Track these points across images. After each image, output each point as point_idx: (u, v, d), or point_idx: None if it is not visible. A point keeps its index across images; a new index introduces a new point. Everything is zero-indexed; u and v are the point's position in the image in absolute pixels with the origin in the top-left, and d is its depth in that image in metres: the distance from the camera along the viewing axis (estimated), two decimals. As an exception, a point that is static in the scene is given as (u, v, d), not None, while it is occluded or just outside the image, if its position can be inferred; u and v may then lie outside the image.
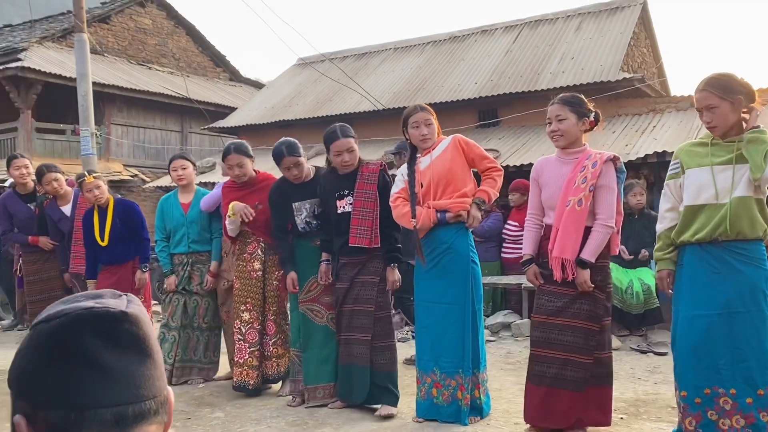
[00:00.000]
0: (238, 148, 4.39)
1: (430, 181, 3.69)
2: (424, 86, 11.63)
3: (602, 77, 9.57)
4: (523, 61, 11.10)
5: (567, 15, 12.08)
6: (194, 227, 4.86)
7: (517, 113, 10.02)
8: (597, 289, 3.27)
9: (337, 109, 12.09)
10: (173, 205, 4.94)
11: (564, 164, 3.38)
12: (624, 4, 11.69)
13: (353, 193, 3.96)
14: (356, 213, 3.92)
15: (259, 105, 13.81)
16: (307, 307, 4.15)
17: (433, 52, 12.97)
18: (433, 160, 3.71)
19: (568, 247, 3.24)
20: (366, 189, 3.94)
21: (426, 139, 3.73)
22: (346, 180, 4.00)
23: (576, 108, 3.33)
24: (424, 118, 3.73)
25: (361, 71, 13.31)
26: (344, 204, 3.97)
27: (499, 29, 12.68)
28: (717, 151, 2.98)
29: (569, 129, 3.32)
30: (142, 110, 15.25)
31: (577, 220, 3.23)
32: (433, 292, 3.67)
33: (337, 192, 4.01)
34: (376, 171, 3.99)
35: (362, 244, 3.89)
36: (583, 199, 3.21)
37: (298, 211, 4.14)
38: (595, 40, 10.88)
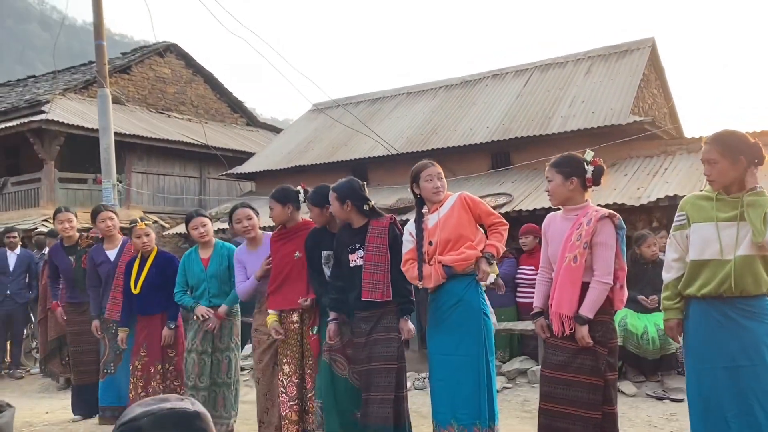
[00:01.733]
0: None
1: (438, 239, 3.77)
2: (437, 131, 11.82)
3: (613, 120, 9.68)
4: (534, 104, 11.26)
5: (577, 58, 12.27)
6: (214, 282, 4.95)
7: (529, 157, 10.13)
8: (598, 344, 3.30)
9: (352, 154, 12.30)
10: (194, 261, 5.05)
11: (565, 221, 3.48)
12: (633, 47, 11.88)
13: (364, 247, 4.02)
14: (368, 267, 3.97)
15: (275, 150, 14.08)
16: (331, 357, 4.17)
17: (446, 96, 13.20)
18: (441, 218, 3.81)
19: (565, 303, 3.32)
20: (377, 243, 4.00)
21: (439, 192, 3.84)
22: (358, 234, 4.08)
23: (561, 168, 3.44)
24: (437, 172, 3.86)
25: (374, 116, 13.55)
26: (356, 258, 4.03)
27: (510, 73, 12.90)
28: (722, 207, 3.07)
29: (555, 189, 3.46)
30: (162, 158, 15.59)
31: (573, 276, 3.31)
32: (446, 345, 3.71)
33: (350, 246, 4.08)
34: (385, 225, 4.07)
35: (375, 298, 3.94)
36: (578, 256, 3.29)
37: (327, 261, 4.22)
38: (605, 83, 11.03)
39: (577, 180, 3.40)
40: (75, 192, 14.08)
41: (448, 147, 10.93)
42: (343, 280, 4.11)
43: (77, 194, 14.09)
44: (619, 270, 3.37)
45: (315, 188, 4.40)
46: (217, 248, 5.06)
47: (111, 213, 5.79)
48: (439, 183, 3.85)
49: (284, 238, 4.50)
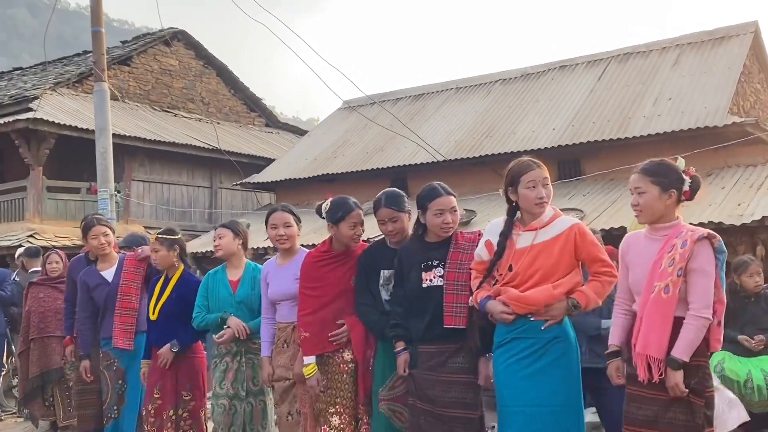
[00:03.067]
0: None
1: (521, 268, 3.63)
2: (492, 133, 11.80)
3: (707, 122, 9.54)
4: (610, 102, 11.17)
5: (663, 47, 12.16)
6: (244, 310, 4.88)
7: (604, 165, 10.04)
8: (693, 393, 3.23)
9: (390, 161, 12.34)
10: (220, 282, 5.00)
11: (652, 242, 3.40)
12: (731, 33, 11.73)
13: (445, 264, 3.92)
14: (450, 287, 3.86)
15: (299, 156, 14.21)
16: (390, 407, 4.09)
17: (503, 92, 13.18)
18: (537, 243, 3.64)
19: (653, 343, 3.24)
20: (462, 260, 3.91)
21: (543, 204, 3.66)
22: (435, 249, 3.98)
23: (659, 179, 3.36)
24: (543, 176, 3.66)
25: (417, 116, 13.59)
26: (432, 276, 3.93)
27: (581, 64, 12.83)
28: None
29: (649, 204, 3.37)
30: (167, 164, 15.84)
31: (664, 310, 3.24)
32: (537, 393, 3.56)
33: (424, 262, 3.97)
34: (475, 240, 3.96)
35: (459, 325, 3.82)
36: (671, 285, 3.22)
37: (387, 281, 4.14)
38: (697, 76, 10.89)
39: (675, 193, 3.36)
40: (66, 203, 14.39)
41: (505, 153, 10.84)
42: (407, 305, 4.00)
43: (68, 206, 14.39)
44: (717, 303, 3.29)
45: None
46: (248, 270, 5.03)
47: (105, 228, 5.73)
48: (544, 192, 3.67)
49: (335, 261, 4.35)
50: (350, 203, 4.30)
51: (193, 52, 18.76)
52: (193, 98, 18.70)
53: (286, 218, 4.65)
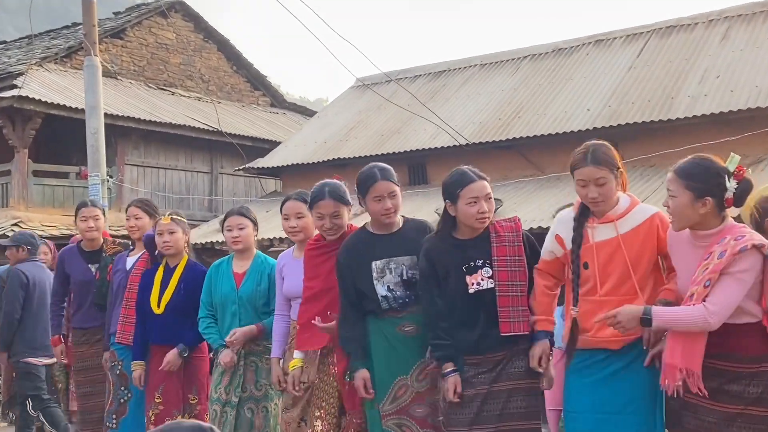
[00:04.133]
0: (334, 192, 4.24)
1: (600, 265, 3.52)
2: (520, 114, 11.74)
3: (759, 102, 9.46)
4: (651, 80, 11.09)
5: (709, 19, 12.06)
6: (247, 308, 4.85)
7: (644, 149, 9.98)
8: (758, 403, 3.20)
9: (407, 144, 12.32)
10: (224, 274, 4.98)
11: (695, 248, 3.33)
12: (787, 3, 11.62)
13: (492, 262, 3.76)
14: (503, 288, 3.72)
15: (307, 139, 14.21)
16: (395, 422, 3.93)
17: (532, 69, 13.11)
18: (620, 236, 3.51)
19: (678, 352, 3.23)
20: (510, 255, 3.77)
21: (597, 202, 3.51)
22: (474, 247, 3.81)
23: (694, 184, 3.24)
24: (596, 176, 3.46)
25: (437, 95, 13.55)
26: (479, 279, 3.76)
27: (619, 39, 12.74)
28: None
29: (679, 211, 3.28)
30: (163, 146, 15.90)
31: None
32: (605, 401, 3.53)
33: (465, 264, 3.78)
34: (518, 229, 3.84)
35: (521, 331, 3.71)
36: (696, 295, 3.19)
37: (381, 274, 3.98)
38: (747, 52, 10.80)
39: (712, 201, 3.22)
40: (53, 189, 14.46)
41: (535, 136, 10.82)
42: (455, 317, 3.82)
43: (56, 191, 14.47)
44: (747, 314, 3.22)
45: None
46: (256, 261, 4.99)
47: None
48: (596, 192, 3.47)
49: (326, 252, 4.30)
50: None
51: (192, 24, 18.77)
52: (191, 75, 18.72)
53: (299, 208, 4.57)
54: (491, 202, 3.81)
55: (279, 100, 20.99)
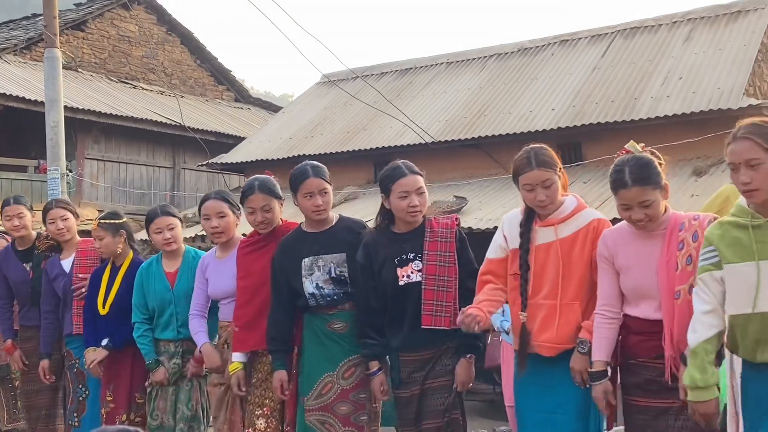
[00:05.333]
0: (263, 186, 4.25)
1: (536, 268, 3.54)
2: (486, 112, 11.82)
3: (720, 104, 9.61)
4: (615, 81, 11.22)
5: (673, 21, 12.21)
6: (185, 304, 4.80)
7: (607, 149, 10.06)
8: None
9: (373, 142, 12.34)
10: (156, 275, 4.92)
11: (648, 239, 3.32)
12: (748, 6, 11.79)
13: (423, 256, 3.83)
14: (430, 283, 3.78)
15: (272, 135, 14.18)
16: (318, 418, 3.98)
17: (498, 68, 13.20)
18: (558, 240, 3.54)
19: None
20: (441, 250, 3.82)
21: (546, 205, 3.52)
22: (408, 240, 3.88)
23: (657, 182, 3.26)
24: (543, 179, 3.48)
25: (403, 92, 13.59)
26: (409, 271, 3.84)
27: (584, 39, 12.87)
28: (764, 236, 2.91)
29: (658, 211, 3.27)
30: (124, 141, 15.77)
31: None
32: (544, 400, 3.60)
33: (398, 256, 3.86)
34: (452, 226, 3.89)
35: (441, 326, 3.74)
36: (682, 293, 3.20)
37: (309, 271, 4.02)
38: (710, 54, 10.96)
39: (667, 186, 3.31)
40: (11, 183, 14.27)
41: (500, 135, 10.87)
42: (385, 310, 3.89)
43: (14, 185, 14.27)
44: None
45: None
46: (187, 258, 4.95)
47: (64, 211, 5.65)
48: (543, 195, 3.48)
49: (259, 248, 4.29)
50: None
51: (154, 16, 18.64)
52: (154, 68, 18.58)
53: (220, 207, 4.50)
54: (424, 196, 3.85)
55: (244, 95, 20.91)
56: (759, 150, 2.85)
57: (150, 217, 4.93)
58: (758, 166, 2.84)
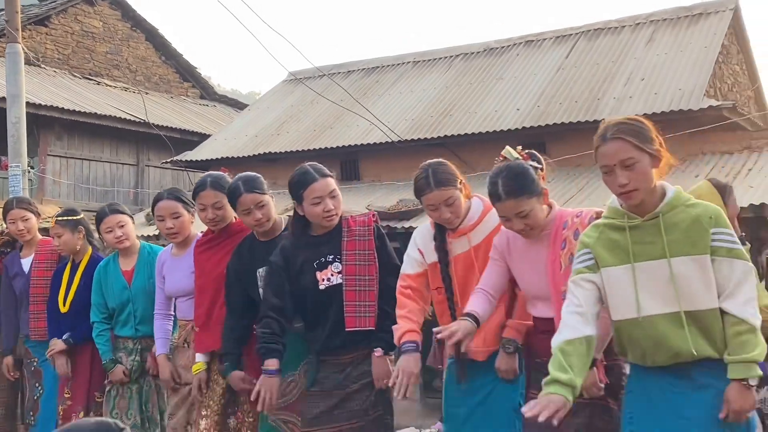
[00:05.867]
0: (215, 183, 4.21)
1: (458, 279, 3.53)
2: (451, 112, 11.88)
3: (681, 105, 9.75)
4: (579, 81, 11.34)
5: (636, 23, 12.37)
6: (141, 301, 4.81)
7: (571, 149, 10.17)
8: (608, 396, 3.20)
9: (339, 140, 12.34)
10: (113, 274, 4.91)
11: (536, 242, 3.28)
12: (710, 9, 11.99)
13: (342, 257, 3.75)
14: (351, 283, 3.70)
15: (238, 132, 14.12)
16: (281, 418, 3.98)
17: (464, 68, 13.27)
18: (472, 248, 3.53)
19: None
20: (360, 249, 3.77)
21: (452, 221, 3.52)
22: (326, 242, 3.80)
23: (531, 191, 3.18)
24: (444, 198, 3.45)
25: (370, 91, 13.61)
26: (329, 274, 3.76)
27: (549, 40, 12.98)
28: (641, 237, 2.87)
29: (538, 219, 3.21)
30: (87, 137, 15.62)
31: None
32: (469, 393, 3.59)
33: (317, 260, 3.78)
34: (369, 223, 3.83)
35: (365, 327, 3.68)
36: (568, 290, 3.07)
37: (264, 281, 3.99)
38: (672, 55, 11.12)
39: (545, 192, 3.27)
40: (-29, 179, 14.08)
41: (466, 134, 10.97)
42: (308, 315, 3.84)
43: (-26, 182, 14.09)
44: None
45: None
46: (142, 255, 4.94)
47: (25, 212, 5.60)
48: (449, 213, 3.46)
49: (212, 246, 4.28)
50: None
51: (119, 12, 18.48)
52: (118, 65, 18.42)
53: (174, 207, 4.45)
54: (337, 199, 3.75)
55: (209, 92, 20.79)
56: (632, 149, 2.79)
57: (99, 216, 4.91)
58: (633, 165, 2.78)
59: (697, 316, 2.78)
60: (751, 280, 2.82)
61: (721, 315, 2.79)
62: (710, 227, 2.80)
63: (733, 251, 2.79)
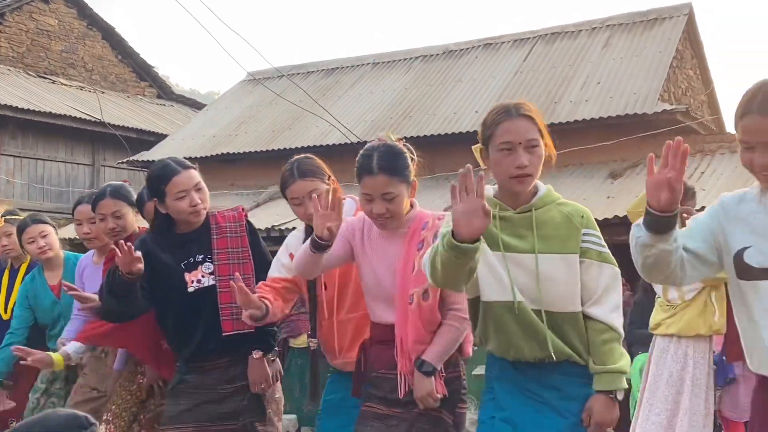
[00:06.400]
0: (116, 191, 4.02)
1: (341, 284, 3.29)
2: (411, 113, 11.94)
3: (636, 108, 9.91)
4: (536, 84, 11.47)
5: (592, 27, 12.56)
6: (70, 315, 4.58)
7: (528, 151, 10.33)
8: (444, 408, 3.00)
9: (298, 141, 12.32)
10: (40, 289, 4.75)
11: (392, 237, 3.06)
12: (664, 14, 12.21)
13: (213, 257, 3.48)
14: (225, 284, 3.38)
15: (195, 132, 14.04)
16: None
17: (423, 69, 13.34)
18: None
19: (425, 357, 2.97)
20: (233, 246, 3.53)
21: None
22: (194, 241, 3.52)
23: (405, 176, 3.04)
24: (308, 190, 3.27)
25: (329, 92, 13.62)
26: (199, 276, 3.48)
27: (507, 43, 13.11)
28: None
29: (401, 209, 3.02)
30: (42, 137, 15.41)
31: (430, 318, 2.96)
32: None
33: (184, 260, 3.49)
34: (240, 219, 3.59)
35: (244, 329, 3.39)
36: (430, 290, 2.92)
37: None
38: (627, 59, 11.31)
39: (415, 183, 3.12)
40: None
41: (425, 136, 11.03)
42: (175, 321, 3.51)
43: (-75, 182, 13.84)
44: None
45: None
46: (68, 266, 4.76)
47: None
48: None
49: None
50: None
51: (75, 10, 18.24)
52: (74, 63, 18.19)
53: (91, 213, 4.20)
54: (203, 191, 3.50)
55: (167, 92, 20.61)
56: (536, 132, 2.66)
57: (21, 228, 4.74)
58: (534, 149, 2.64)
59: (556, 318, 2.66)
60: (619, 287, 2.73)
61: (584, 320, 2.69)
62: (582, 227, 2.71)
63: (602, 255, 2.71)
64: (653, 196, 2.23)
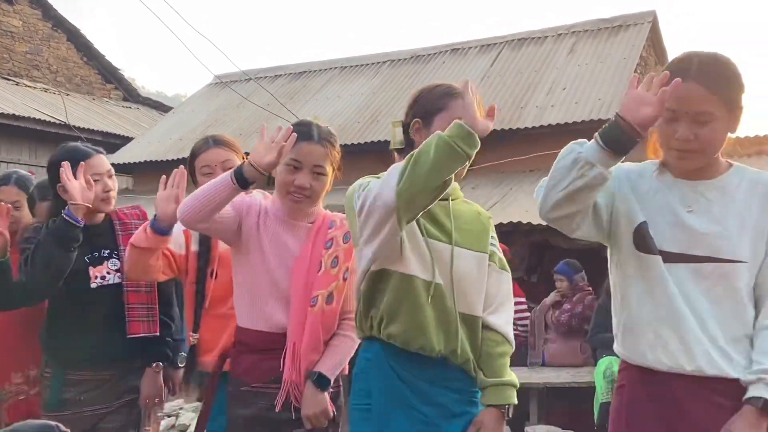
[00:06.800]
0: (20, 180, 3.90)
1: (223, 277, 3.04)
2: (378, 117, 11.97)
3: (601, 114, 10.02)
4: (502, 90, 11.56)
5: (558, 33, 12.67)
6: None
7: (494, 156, 10.32)
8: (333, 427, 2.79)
9: (265, 145, 12.29)
10: None
11: (291, 228, 2.81)
12: (629, 21, 12.36)
13: (120, 253, 3.29)
14: (132, 283, 3.25)
15: (162, 135, 13.96)
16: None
17: (391, 74, 13.38)
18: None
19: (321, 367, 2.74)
20: None
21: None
22: (99, 233, 3.34)
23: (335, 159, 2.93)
24: (222, 158, 3.20)
25: (297, 95, 13.61)
26: (104, 271, 3.30)
27: (473, 48, 13.19)
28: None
29: (321, 192, 2.83)
30: (5, 139, 15.23)
31: (331, 324, 2.77)
32: None
33: (89, 254, 3.29)
34: (144, 216, 3.44)
35: (149, 332, 3.27)
36: (335, 293, 2.74)
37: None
38: (592, 66, 11.43)
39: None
40: None
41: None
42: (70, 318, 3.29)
43: None
44: None
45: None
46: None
47: None
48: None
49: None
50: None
51: (40, 11, 18.05)
52: (38, 65, 18.01)
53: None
54: (114, 181, 3.38)
55: (133, 94, 20.46)
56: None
57: None
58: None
59: (465, 318, 2.50)
60: (512, 300, 2.65)
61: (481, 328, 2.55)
62: (489, 228, 2.62)
63: (503, 261, 2.62)
64: (632, 108, 2.09)
